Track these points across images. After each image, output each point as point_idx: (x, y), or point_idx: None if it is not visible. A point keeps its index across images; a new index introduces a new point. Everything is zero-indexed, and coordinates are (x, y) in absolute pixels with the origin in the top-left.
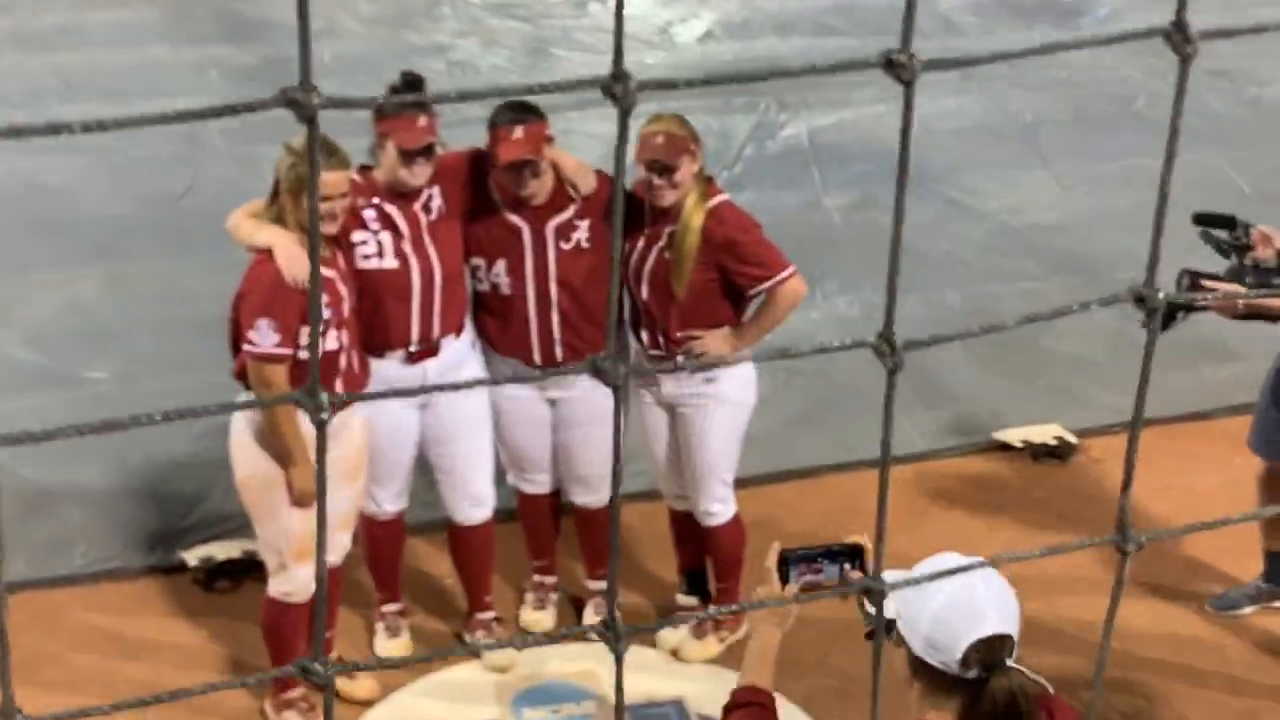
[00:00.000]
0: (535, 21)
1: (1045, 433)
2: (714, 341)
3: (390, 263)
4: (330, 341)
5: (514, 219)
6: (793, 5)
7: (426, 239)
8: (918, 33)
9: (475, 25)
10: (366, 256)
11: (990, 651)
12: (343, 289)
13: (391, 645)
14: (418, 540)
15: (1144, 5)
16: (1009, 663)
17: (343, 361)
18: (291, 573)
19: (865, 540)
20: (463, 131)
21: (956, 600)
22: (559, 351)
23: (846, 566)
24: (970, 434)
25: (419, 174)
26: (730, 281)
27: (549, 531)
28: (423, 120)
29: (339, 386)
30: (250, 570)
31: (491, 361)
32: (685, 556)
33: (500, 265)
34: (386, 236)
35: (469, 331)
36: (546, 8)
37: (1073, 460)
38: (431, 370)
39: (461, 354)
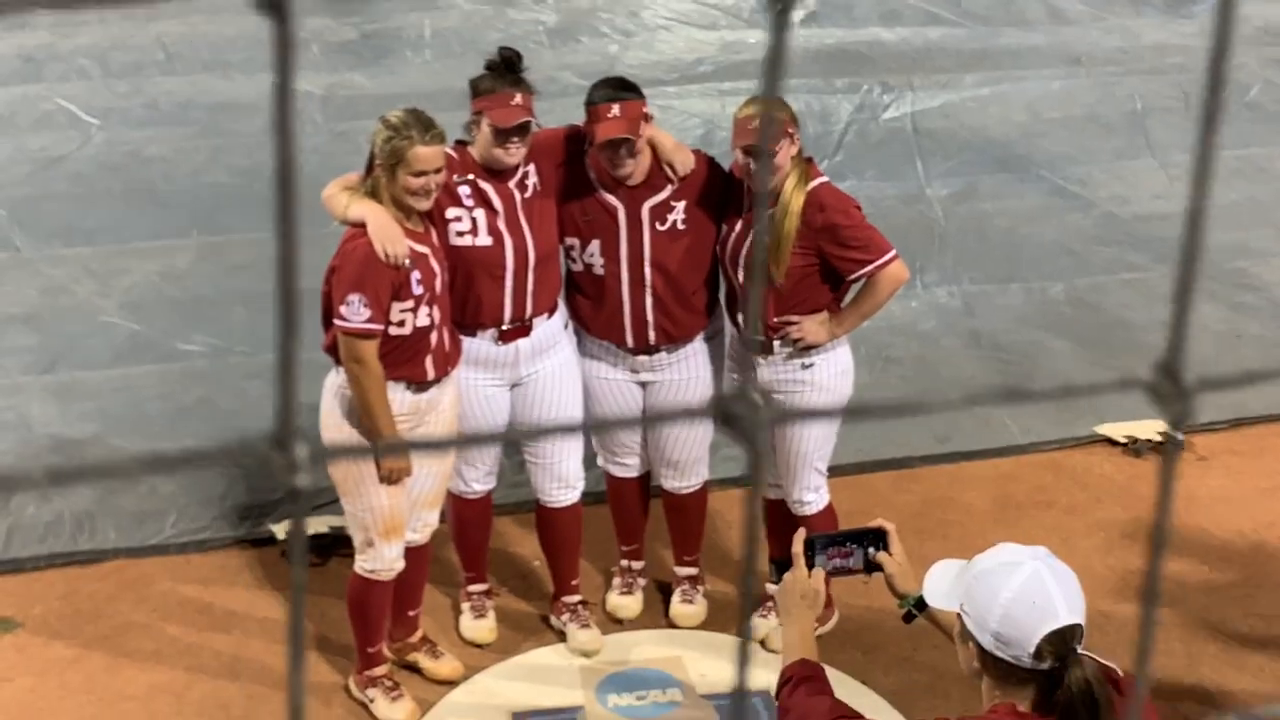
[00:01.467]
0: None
1: (1150, 428)
2: (812, 327)
3: (484, 240)
4: (422, 318)
5: (610, 199)
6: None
7: (521, 217)
8: (1023, 23)
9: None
10: (461, 233)
11: (1063, 643)
12: (435, 265)
13: (477, 625)
14: (507, 520)
15: None
16: (1080, 650)
17: (433, 338)
18: (378, 550)
19: (890, 525)
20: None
21: (1027, 594)
22: (652, 335)
23: (872, 550)
24: (1072, 427)
25: (514, 153)
26: (829, 266)
27: (637, 516)
28: (518, 98)
29: (429, 364)
30: (338, 545)
31: (584, 342)
32: (776, 545)
33: (594, 245)
34: (481, 214)
35: (561, 312)
36: None
37: (1178, 457)
38: (523, 349)
39: (554, 334)
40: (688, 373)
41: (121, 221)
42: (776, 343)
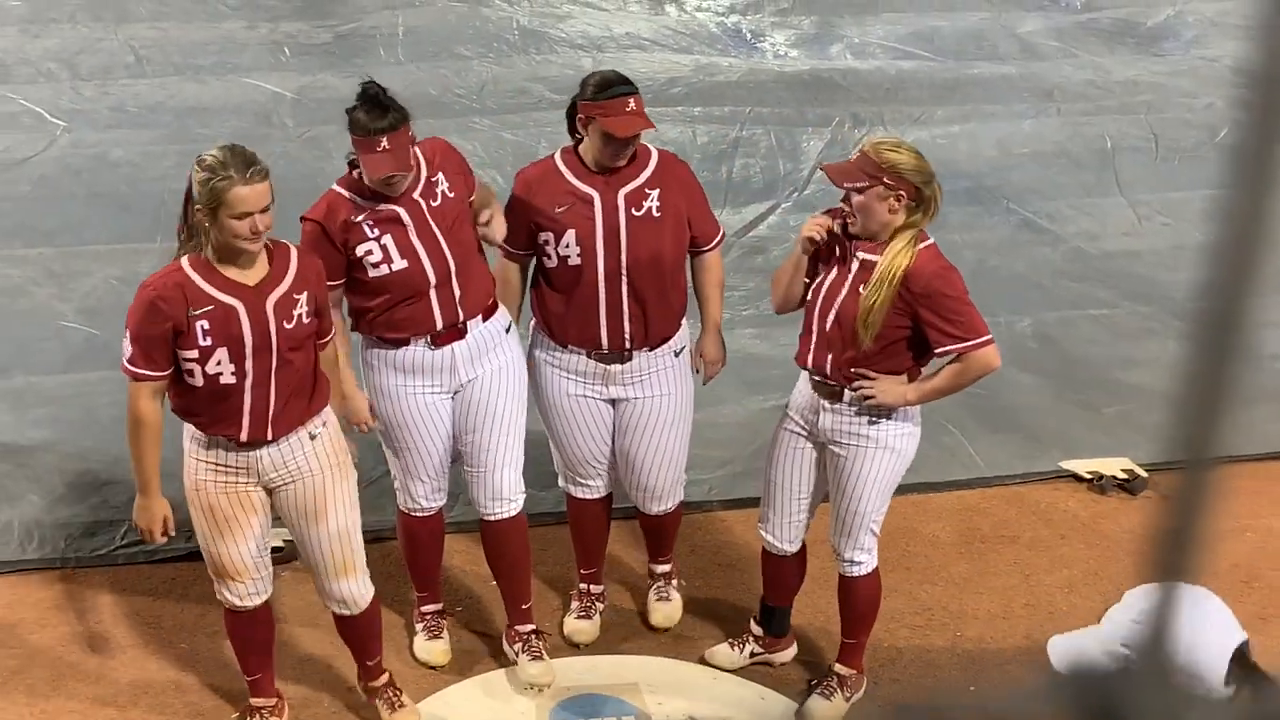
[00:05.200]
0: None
1: (1115, 465)
2: (889, 388)
3: (400, 263)
4: (213, 367)
5: (584, 187)
6: (875, 31)
7: (434, 226)
8: (996, 57)
9: (547, 4)
10: (376, 264)
11: (1245, 661)
12: (245, 321)
13: (430, 647)
14: (464, 538)
15: (1226, 31)
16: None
17: (247, 399)
18: (229, 587)
19: None
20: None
21: (1201, 627)
22: (627, 331)
23: None
24: (1037, 461)
25: (398, 186)
26: (920, 333)
27: (598, 539)
28: (385, 142)
29: (245, 424)
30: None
31: (553, 356)
32: (766, 590)
33: (570, 235)
34: (390, 238)
35: (502, 315)
36: None
37: (1142, 495)
38: (459, 353)
39: (492, 336)
40: (658, 389)
41: (83, 224)
42: (847, 392)
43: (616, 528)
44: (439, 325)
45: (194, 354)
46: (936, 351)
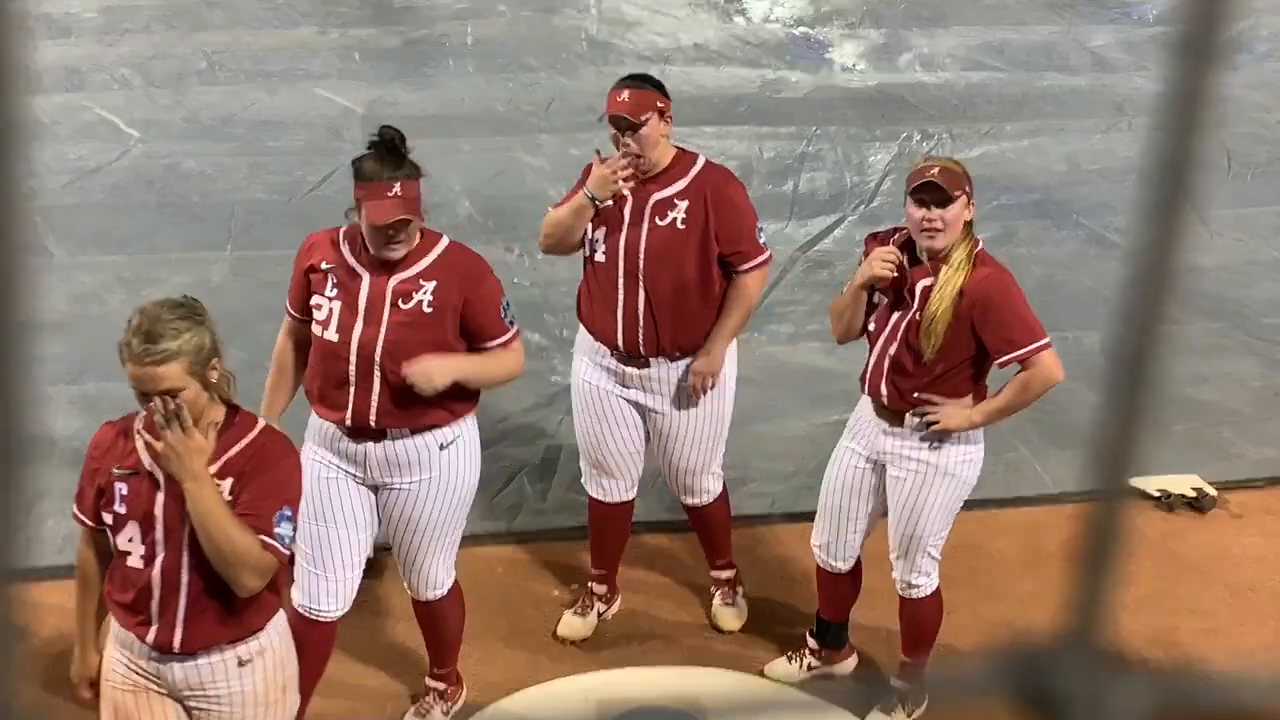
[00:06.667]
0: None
1: (1183, 483)
2: (953, 412)
3: (331, 334)
4: (124, 543)
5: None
6: (944, 43)
7: (384, 318)
8: (1066, 69)
9: (616, 12)
10: (319, 322)
11: None
12: (160, 500)
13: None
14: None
15: None
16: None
17: (154, 583)
18: None
19: None
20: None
21: None
22: (641, 336)
23: None
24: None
25: (397, 249)
26: (981, 350)
27: (612, 543)
28: (397, 188)
29: (137, 615)
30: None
31: (583, 342)
32: (822, 605)
33: (600, 232)
34: (338, 305)
35: (447, 431)
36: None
37: (1211, 513)
38: (373, 455)
39: (422, 455)
40: (681, 404)
41: (155, 232)
42: (910, 416)
43: (655, 540)
44: (348, 417)
45: (109, 517)
46: (998, 362)
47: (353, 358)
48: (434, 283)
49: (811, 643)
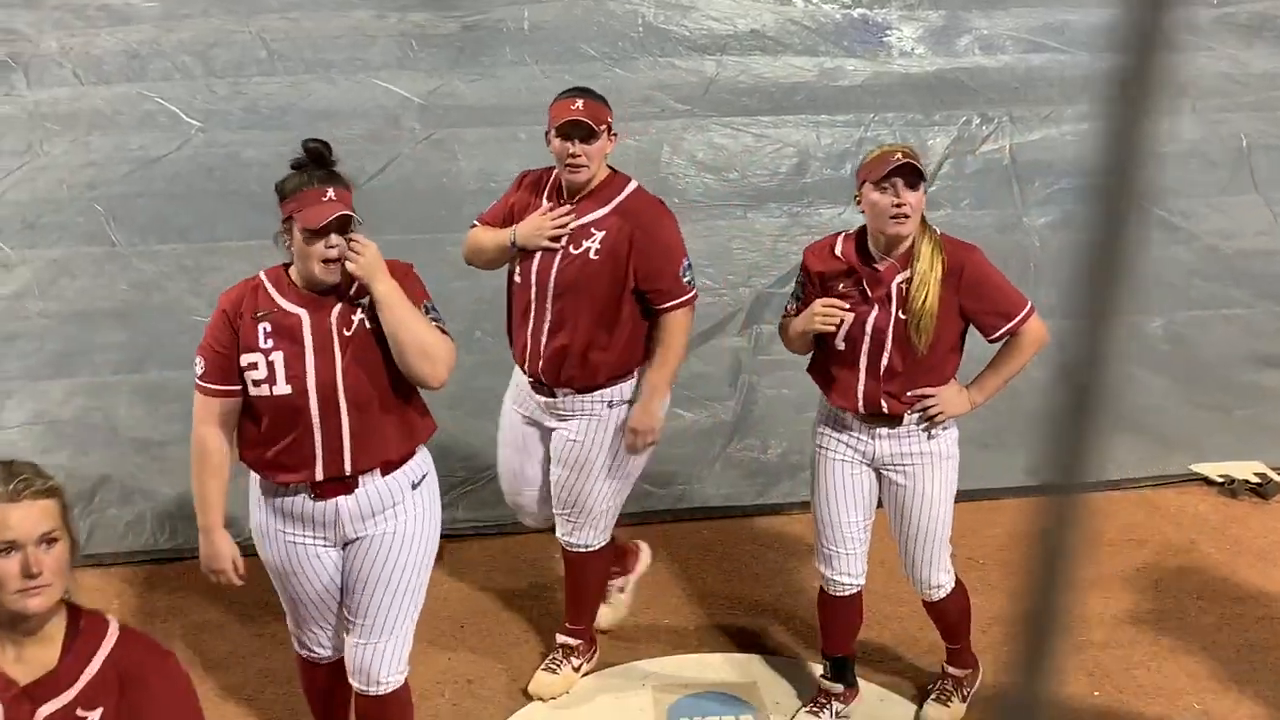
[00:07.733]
0: None
1: (1247, 468)
2: (951, 398)
3: (283, 388)
4: (270, 386)
5: (545, 205)
6: (1004, 24)
7: (338, 355)
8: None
9: None
10: (257, 383)
11: None
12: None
13: None
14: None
15: None
16: None
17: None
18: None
19: None
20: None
21: None
22: (541, 364)
23: None
24: (1166, 464)
25: (333, 269)
26: (962, 329)
27: (585, 591)
28: (331, 193)
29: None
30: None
31: (515, 365)
32: (836, 641)
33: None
34: (280, 356)
35: (414, 467)
36: None
37: (1275, 499)
38: (345, 508)
39: (394, 493)
40: (581, 434)
41: (215, 221)
42: (907, 415)
43: (668, 543)
44: (319, 472)
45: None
46: (991, 338)
47: (313, 403)
48: (367, 300)
49: (835, 686)
